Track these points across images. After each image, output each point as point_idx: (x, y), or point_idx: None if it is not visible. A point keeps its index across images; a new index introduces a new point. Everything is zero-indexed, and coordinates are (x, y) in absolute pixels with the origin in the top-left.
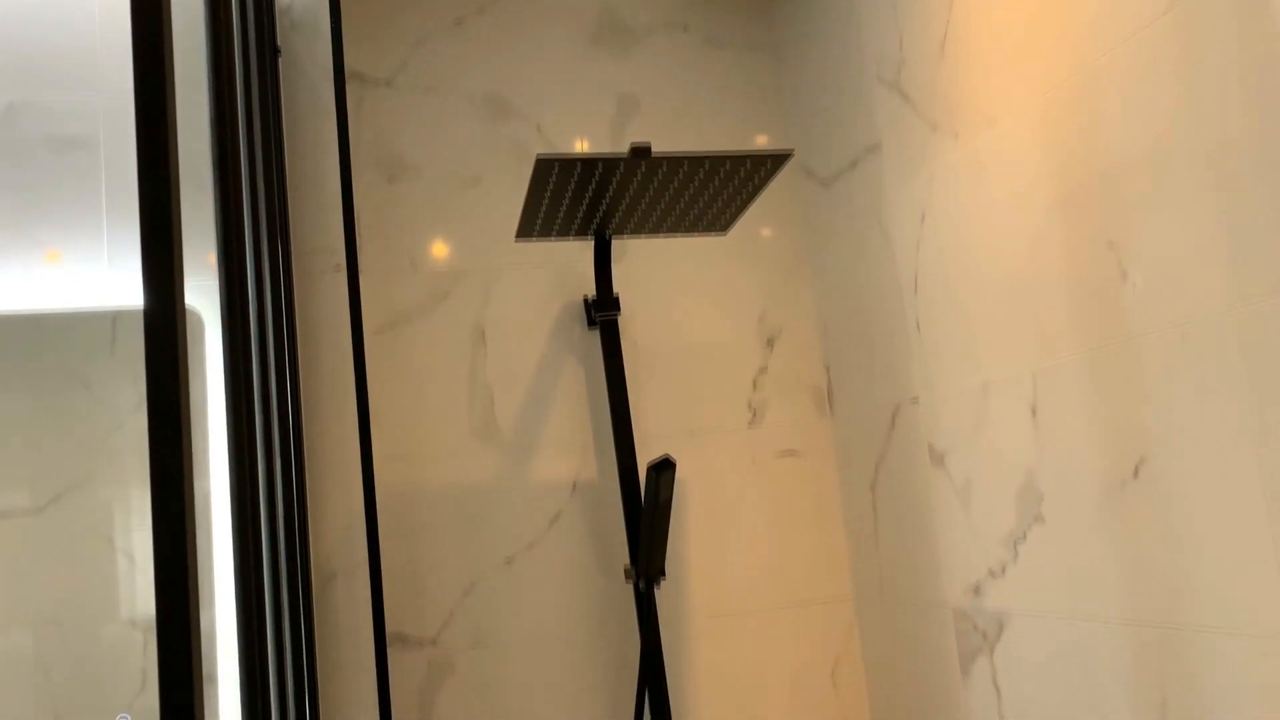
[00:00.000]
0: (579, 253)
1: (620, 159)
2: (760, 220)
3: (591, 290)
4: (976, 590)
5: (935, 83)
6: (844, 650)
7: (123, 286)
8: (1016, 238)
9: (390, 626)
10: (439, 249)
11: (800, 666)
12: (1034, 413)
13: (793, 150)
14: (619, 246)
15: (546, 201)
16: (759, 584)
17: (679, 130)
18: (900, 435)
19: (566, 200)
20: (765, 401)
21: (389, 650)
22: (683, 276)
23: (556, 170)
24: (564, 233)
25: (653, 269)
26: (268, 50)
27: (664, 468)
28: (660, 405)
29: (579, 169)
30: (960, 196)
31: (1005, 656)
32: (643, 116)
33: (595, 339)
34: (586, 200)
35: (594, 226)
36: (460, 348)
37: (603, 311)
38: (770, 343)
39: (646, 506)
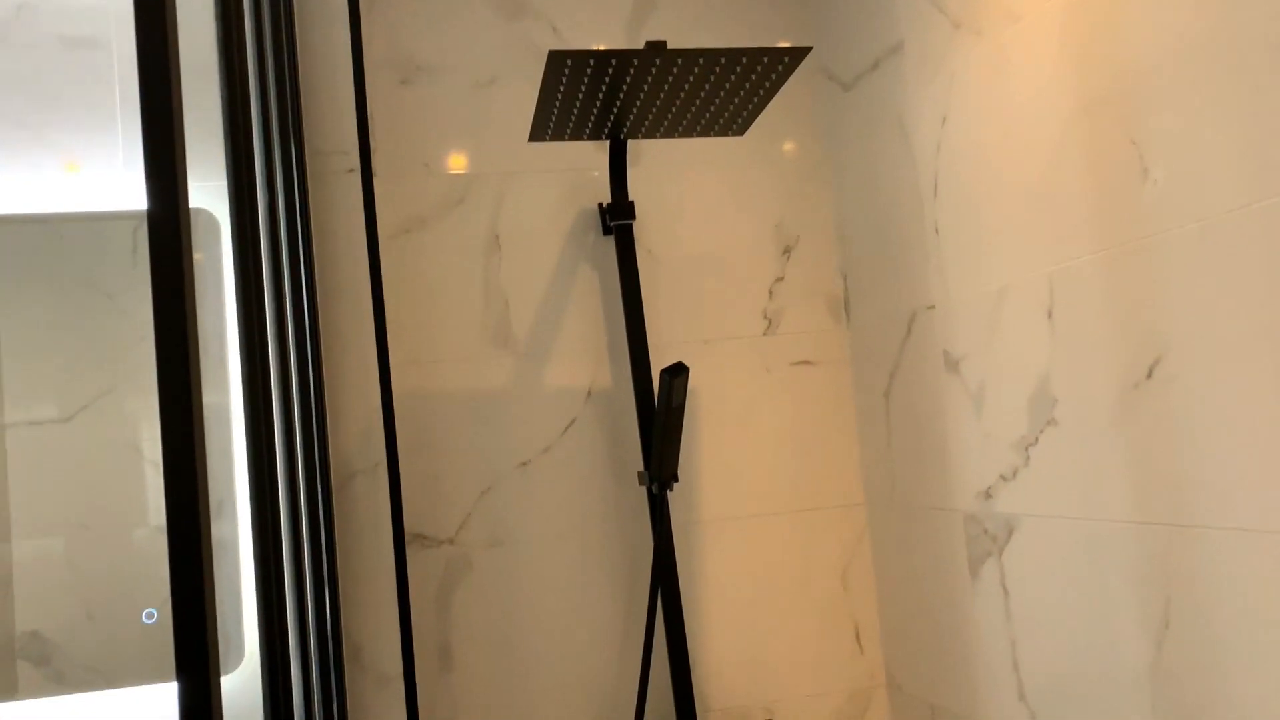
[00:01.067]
0: (595, 158)
1: (634, 54)
2: (779, 126)
3: (607, 197)
4: (987, 494)
5: None
6: (855, 554)
7: (140, 191)
8: (1037, 137)
9: (409, 526)
10: (453, 153)
11: (811, 569)
12: (1049, 316)
13: (810, 46)
14: (635, 152)
15: (559, 100)
16: (771, 490)
17: (697, 30)
18: (916, 342)
19: (580, 99)
20: (781, 310)
21: (408, 548)
22: (699, 183)
23: (569, 66)
24: (578, 134)
25: (669, 176)
26: None
27: (677, 372)
28: (675, 313)
29: (592, 64)
30: (982, 97)
31: (1014, 559)
32: (660, 16)
33: (610, 246)
34: (601, 100)
35: (609, 128)
36: (475, 253)
37: (618, 218)
38: (787, 251)
39: (659, 411)
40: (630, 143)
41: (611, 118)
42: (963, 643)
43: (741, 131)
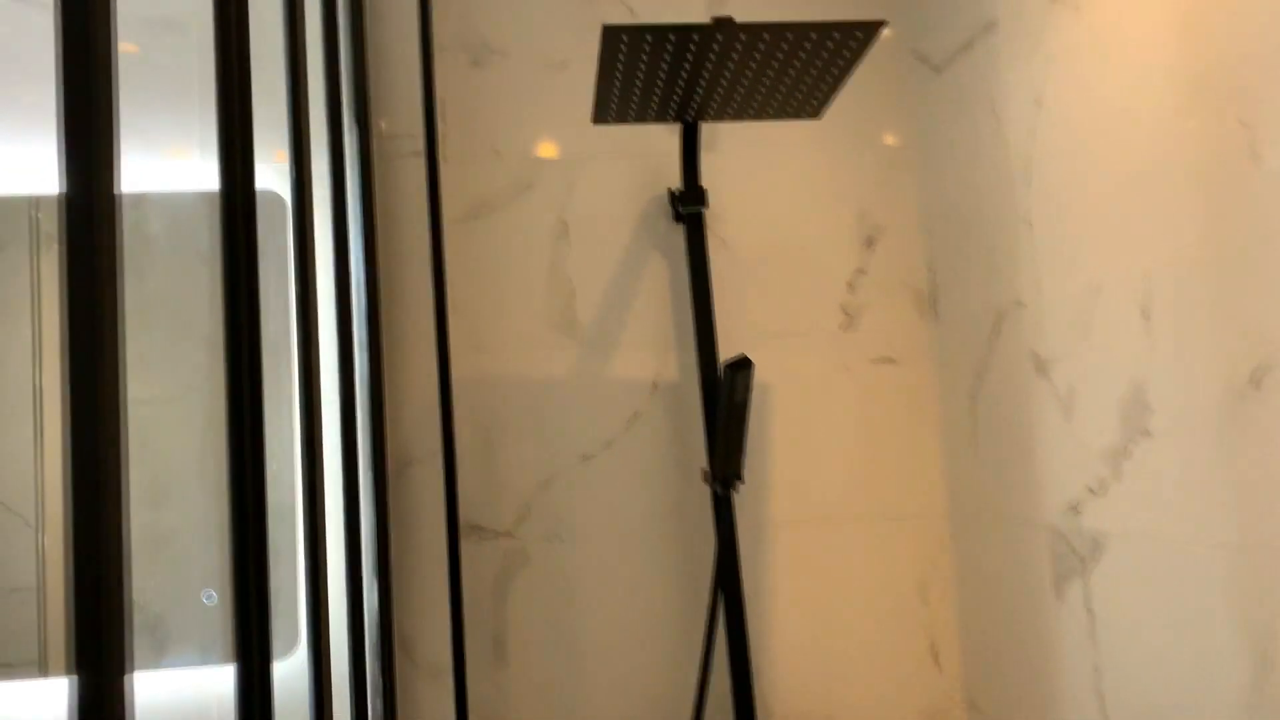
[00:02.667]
0: (670, 143)
1: (694, 29)
2: (865, 110)
3: (680, 183)
4: (1075, 509)
5: None
6: (935, 567)
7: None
8: (1138, 120)
9: (467, 517)
10: (523, 136)
11: (887, 580)
12: (1145, 316)
13: (885, 20)
14: (710, 137)
15: (620, 79)
16: (847, 494)
17: (779, 7)
18: (1004, 342)
19: (642, 78)
20: (861, 305)
21: (465, 540)
22: (777, 169)
23: (625, 43)
24: (644, 116)
25: (745, 161)
26: None
27: (740, 367)
28: (748, 305)
29: (650, 40)
30: (1079, 77)
31: (1101, 579)
32: None
33: (681, 234)
34: (665, 79)
35: (678, 109)
36: (542, 239)
37: (688, 205)
38: (870, 242)
39: (722, 407)
40: (706, 128)
41: (679, 99)
42: (1045, 667)
43: (817, 114)
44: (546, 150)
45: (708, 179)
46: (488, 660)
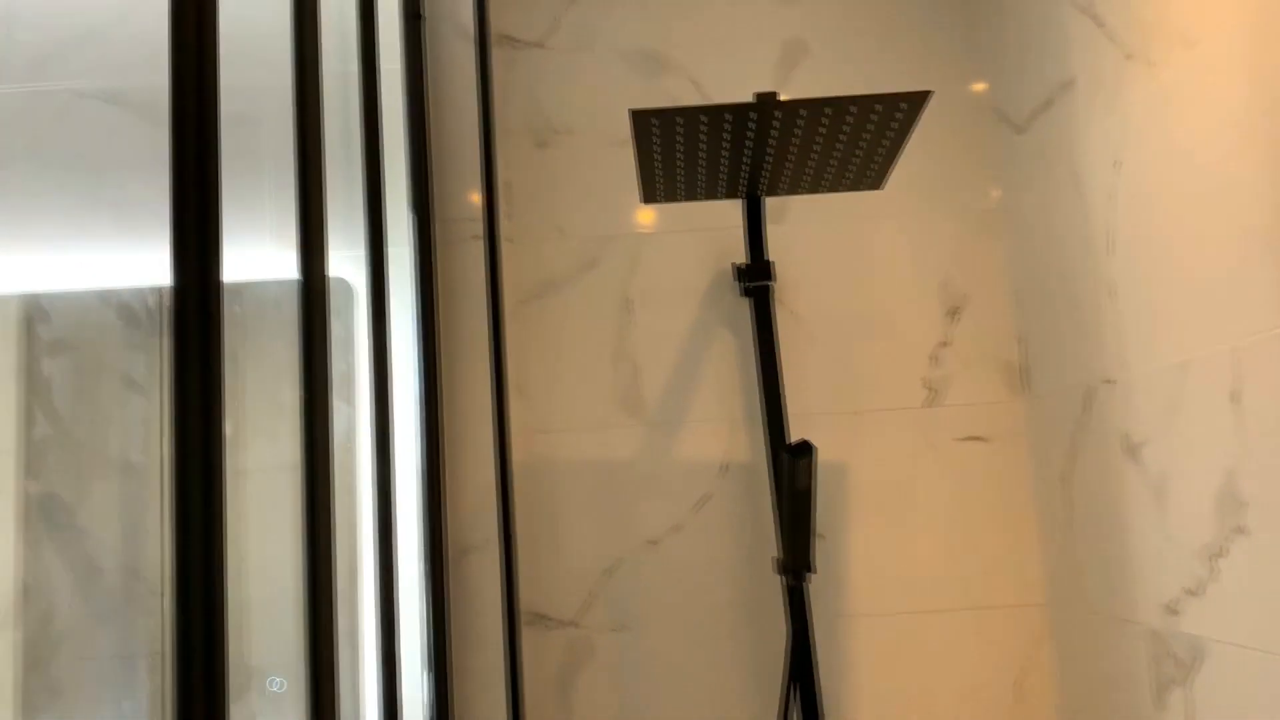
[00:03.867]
0: (733, 216)
1: (729, 109)
2: (947, 173)
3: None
4: (1172, 609)
5: (1130, 1)
6: (1031, 662)
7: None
8: (1218, 182)
9: (531, 606)
10: (587, 214)
11: (979, 676)
12: (1234, 399)
13: (931, 90)
14: (779, 207)
15: (659, 159)
16: (934, 582)
17: (851, 76)
18: (1095, 421)
19: (687, 157)
20: (946, 379)
21: (529, 629)
22: (852, 238)
23: (658, 126)
24: (695, 193)
25: (817, 231)
26: (410, 16)
27: (800, 453)
28: (822, 381)
29: (681, 124)
30: (1156, 137)
31: (1204, 691)
32: (811, 62)
33: (749, 308)
34: (714, 156)
35: (732, 185)
36: (606, 317)
37: (754, 279)
38: (953, 313)
39: (784, 495)
40: (776, 200)
41: (733, 174)
42: None
43: (878, 185)
44: (610, 227)
45: (778, 250)
46: None
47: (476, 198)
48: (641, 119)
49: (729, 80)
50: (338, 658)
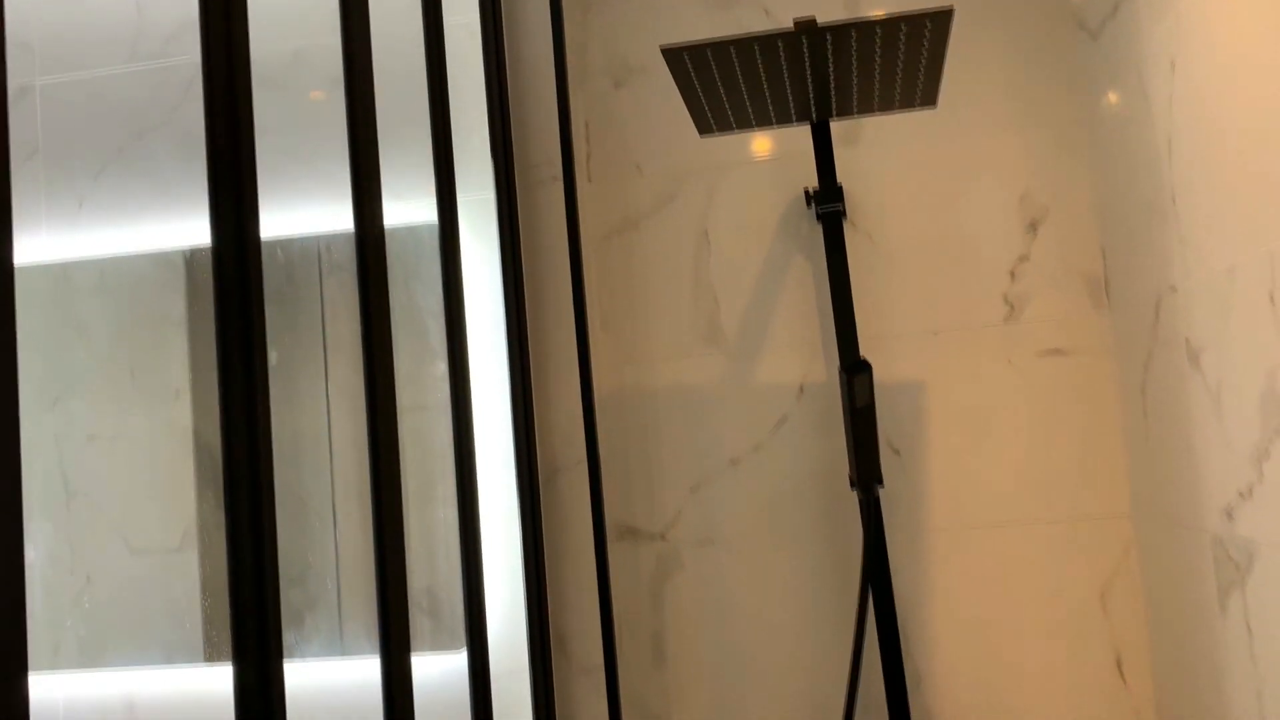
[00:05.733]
0: (806, 143)
1: (757, 40)
2: (1024, 84)
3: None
4: (1229, 514)
5: None
6: (1119, 571)
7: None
8: (1264, 81)
9: (622, 521)
10: (664, 151)
11: (1063, 587)
12: (1273, 301)
13: (952, 7)
14: (852, 130)
15: (701, 93)
16: (1016, 496)
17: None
18: (1163, 330)
19: (730, 87)
20: (1026, 294)
21: (620, 543)
22: (927, 156)
23: (690, 60)
24: (747, 122)
25: (890, 152)
26: None
27: (856, 370)
28: (902, 303)
29: (712, 55)
30: (1205, 35)
31: (1257, 592)
32: None
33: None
34: (760, 85)
35: (786, 112)
36: (684, 250)
37: (825, 203)
38: (1033, 226)
39: (845, 411)
40: (847, 123)
41: (785, 101)
42: (1215, 684)
43: (931, 102)
44: (686, 162)
45: (852, 174)
46: (646, 660)
47: (553, 141)
48: (674, 56)
49: (800, 4)
50: (405, 571)
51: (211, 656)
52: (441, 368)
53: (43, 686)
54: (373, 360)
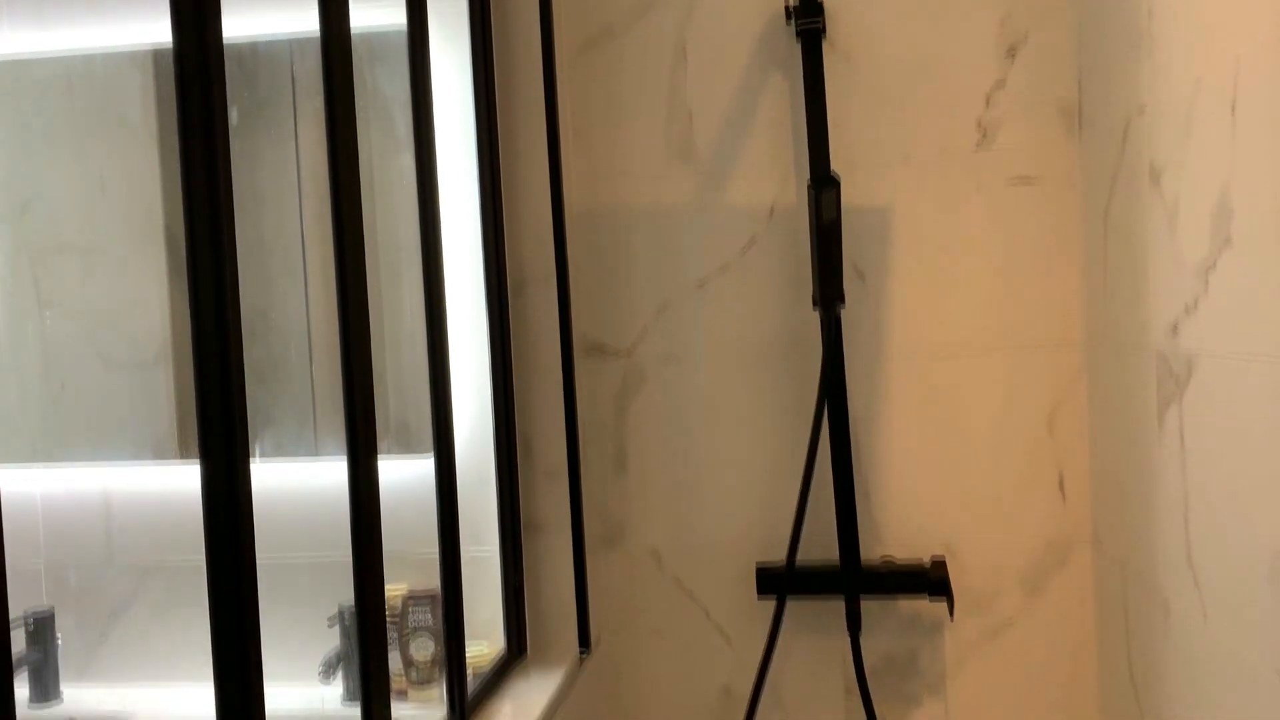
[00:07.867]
0: None
1: None
2: None
3: None
4: (1174, 330)
5: None
6: (1066, 397)
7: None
8: None
9: (589, 337)
10: None
11: (1014, 411)
12: (1232, 110)
13: None
14: None
15: None
16: (977, 324)
17: None
18: (1130, 153)
19: None
20: (999, 120)
21: (587, 358)
22: None
23: None
24: None
25: None
26: None
27: (824, 185)
28: (875, 126)
29: None
30: None
31: (1192, 404)
32: None
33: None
34: None
35: None
36: (660, 65)
37: (804, 18)
38: (1011, 51)
39: (811, 228)
40: None
41: None
42: (1147, 498)
43: None
44: None
45: None
46: (609, 468)
47: None
48: None
49: None
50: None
51: (185, 454)
52: (408, 159)
53: (19, 480)
54: (338, 173)
